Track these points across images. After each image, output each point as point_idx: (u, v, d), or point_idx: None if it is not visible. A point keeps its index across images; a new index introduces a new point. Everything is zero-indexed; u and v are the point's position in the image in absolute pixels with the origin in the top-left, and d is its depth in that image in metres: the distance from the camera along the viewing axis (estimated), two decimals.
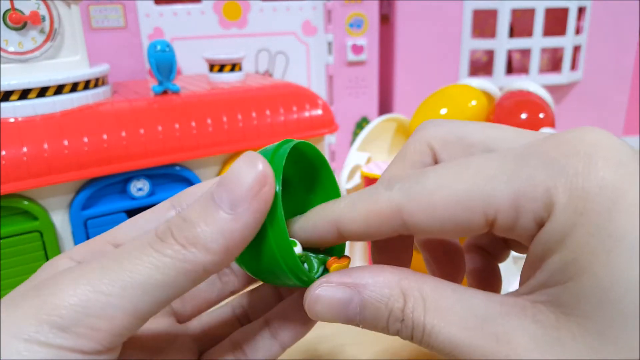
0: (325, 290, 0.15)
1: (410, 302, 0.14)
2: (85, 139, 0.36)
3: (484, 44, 0.65)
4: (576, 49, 0.68)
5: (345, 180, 0.43)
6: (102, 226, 0.38)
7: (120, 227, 0.18)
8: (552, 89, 0.67)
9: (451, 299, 0.14)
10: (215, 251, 0.14)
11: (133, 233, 0.17)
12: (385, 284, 0.15)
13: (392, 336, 0.15)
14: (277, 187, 0.15)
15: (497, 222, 0.13)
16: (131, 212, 0.40)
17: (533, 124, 0.41)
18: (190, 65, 0.58)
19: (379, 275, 0.15)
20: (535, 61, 0.65)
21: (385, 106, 0.72)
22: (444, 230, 0.14)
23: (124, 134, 0.38)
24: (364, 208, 0.15)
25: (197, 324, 0.21)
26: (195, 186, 0.18)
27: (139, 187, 0.39)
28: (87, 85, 0.40)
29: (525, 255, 0.14)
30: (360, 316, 0.15)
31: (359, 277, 0.15)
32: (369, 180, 0.44)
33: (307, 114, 0.46)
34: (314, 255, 0.17)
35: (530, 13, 0.64)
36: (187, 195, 0.18)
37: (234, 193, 0.14)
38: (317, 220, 0.16)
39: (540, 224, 0.13)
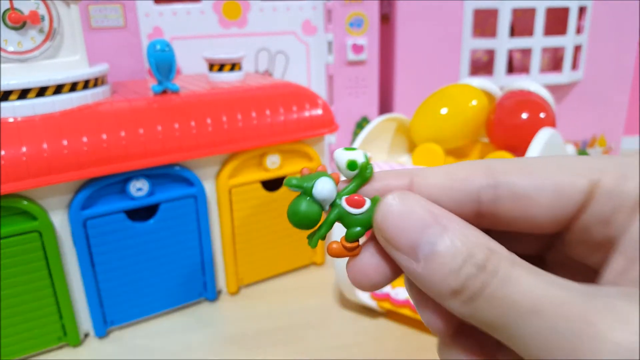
0: (411, 201, 0.13)
1: (496, 256, 0.12)
2: (85, 139, 0.36)
3: (484, 43, 0.65)
4: (577, 49, 0.68)
5: None
6: (102, 226, 0.38)
7: None
8: (552, 88, 0.67)
9: (542, 272, 0.12)
10: None
11: None
12: (473, 234, 0.12)
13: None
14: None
15: (600, 186, 0.13)
16: (130, 212, 0.40)
17: (534, 124, 0.41)
18: (190, 64, 0.58)
19: (468, 226, 0.13)
20: (536, 61, 0.65)
21: (385, 106, 0.71)
22: (540, 196, 0.13)
23: (123, 133, 0.38)
24: (447, 166, 0.14)
25: None
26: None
27: (139, 187, 0.39)
28: (86, 85, 0.40)
29: None
30: (432, 247, 0.12)
31: (446, 214, 0.13)
32: None
33: (307, 113, 0.46)
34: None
35: (531, 12, 0.64)
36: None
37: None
38: (389, 172, 0.15)
39: None
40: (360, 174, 0.15)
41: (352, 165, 0.15)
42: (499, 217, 0.14)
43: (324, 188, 0.14)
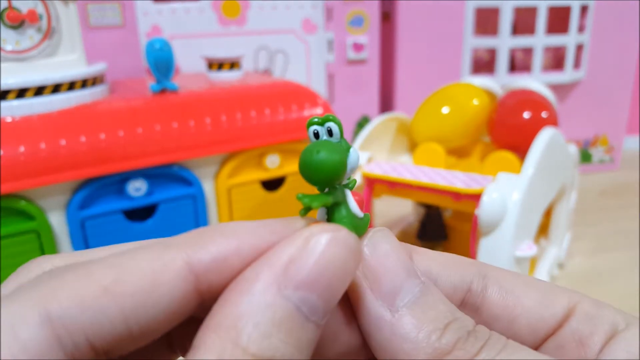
0: (401, 247, 0.12)
1: (483, 327, 0.11)
2: (83, 139, 0.36)
3: (486, 42, 0.64)
4: (579, 48, 0.67)
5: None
6: (100, 226, 0.38)
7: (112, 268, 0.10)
8: (554, 87, 0.66)
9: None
10: None
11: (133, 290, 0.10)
12: (451, 304, 0.12)
13: None
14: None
15: (580, 307, 0.13)
16: (129, 212, 0.40)
17: (536, 123, 0.40)
18: (189, 63, 0.58)
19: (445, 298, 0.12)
20: (537, 60, 0.64)
21: (386, 105, 0.71)
22: (525, 297, 0.13)
23: (121, 133, 0.37)
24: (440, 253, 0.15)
25: None
26: (218, 233, 0.11)
27: (137, 187, 0.39)
28: (84, 84, 0.40)
29: None
30: (415, 296, 0.11)
31: (425, 266, 0.12)
32: (370, 181, 0.43)
33: (307, 112, 0.45)
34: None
35: (533, 10, 0.64)
36: (208, 250, 0.11)
37: (329, 301, 0.10)
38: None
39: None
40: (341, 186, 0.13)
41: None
42: (481, 313, 0.13)
43: (357, 158, 0.12)
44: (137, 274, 0.10)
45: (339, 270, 0.10)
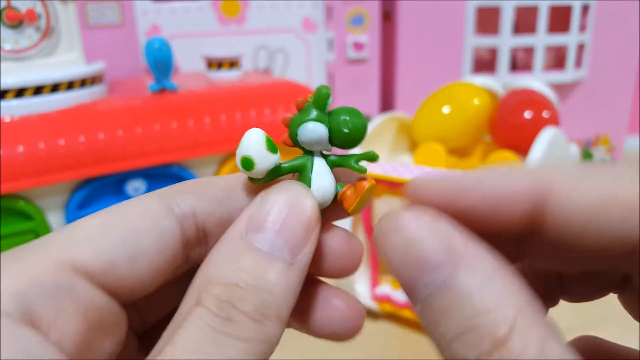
0: (427, 226, 0.10)
1: (527, 332, 0.09)
2: (82, 138, 0.36)
3: (487, 41, 0.64)
4: (580, 47, 0.67)
5: None
6: None
7: (79, 240, 0.12)
8: (555, 87, 0.66)
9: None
10: (286, 315, 0.11)
11: (110, 252, 0.12)
12: (505, 286, 0.10)
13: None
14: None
15: None
16: None
17: (537, 123, 0.40)
18: (188, 62, 0.58)
19: (504, 274, 0.10)
20: (539, 59, 0.64)
21: (386, 104, 0.71)
22: None
23: (120, 133, 0.37)
24: (602, 171, 0.11)
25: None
26: (190, 184, 0.14)
27: (136, 187, 0.39)
28: (83, 83, 0.40)
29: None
30: (430, 292, 0.10)
31: (475, 251, 0.10)
32: None
33: None
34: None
35: (534, 10, 0.64)
36: (183, 193, 0.13)
37: (290, 239, 0.12)
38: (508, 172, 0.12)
39: None
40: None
41: (245, 162, 0.13)
42: None
43: (309, 132, 0.14)
44: (130, 211, 0.12)
45: (292, 212, 0.12)
